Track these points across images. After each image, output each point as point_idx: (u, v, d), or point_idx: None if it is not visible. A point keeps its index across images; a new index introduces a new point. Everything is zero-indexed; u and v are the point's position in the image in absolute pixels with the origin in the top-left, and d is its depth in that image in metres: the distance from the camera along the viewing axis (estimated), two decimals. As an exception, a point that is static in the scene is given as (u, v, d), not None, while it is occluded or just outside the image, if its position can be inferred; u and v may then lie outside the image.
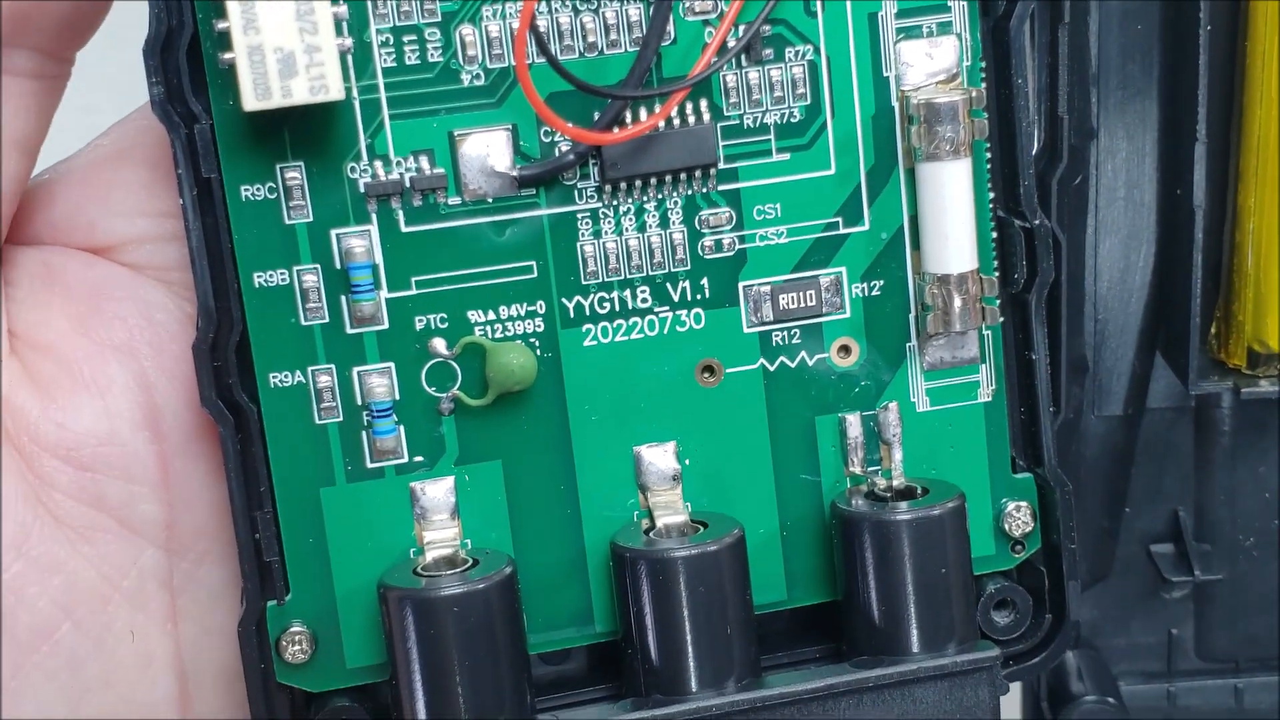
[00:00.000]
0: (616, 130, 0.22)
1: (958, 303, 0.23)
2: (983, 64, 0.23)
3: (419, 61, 0.22)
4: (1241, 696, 0.29)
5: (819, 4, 0.23)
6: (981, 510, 0.24)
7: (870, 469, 0.24)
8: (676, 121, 0.23)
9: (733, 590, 0.23)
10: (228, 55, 0.20)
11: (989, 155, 0.23)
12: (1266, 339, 0.25)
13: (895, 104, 0.23)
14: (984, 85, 0.23)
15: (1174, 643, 0.29)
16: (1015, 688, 0.28)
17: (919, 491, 0.24)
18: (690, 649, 0.22)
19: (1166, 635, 0.29)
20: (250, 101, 0.20)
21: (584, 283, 0.23)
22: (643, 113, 0.22)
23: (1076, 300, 0.26)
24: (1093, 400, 0.27)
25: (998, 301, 0.24)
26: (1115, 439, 0.27)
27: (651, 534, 0.23)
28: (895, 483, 0.24)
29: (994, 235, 0.24)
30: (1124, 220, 0.26)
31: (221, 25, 0.20)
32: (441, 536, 0.23)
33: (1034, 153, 0.24)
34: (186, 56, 0.21)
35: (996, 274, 0.24)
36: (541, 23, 0.22)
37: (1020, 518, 0.24)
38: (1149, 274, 0.26)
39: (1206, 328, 0.26)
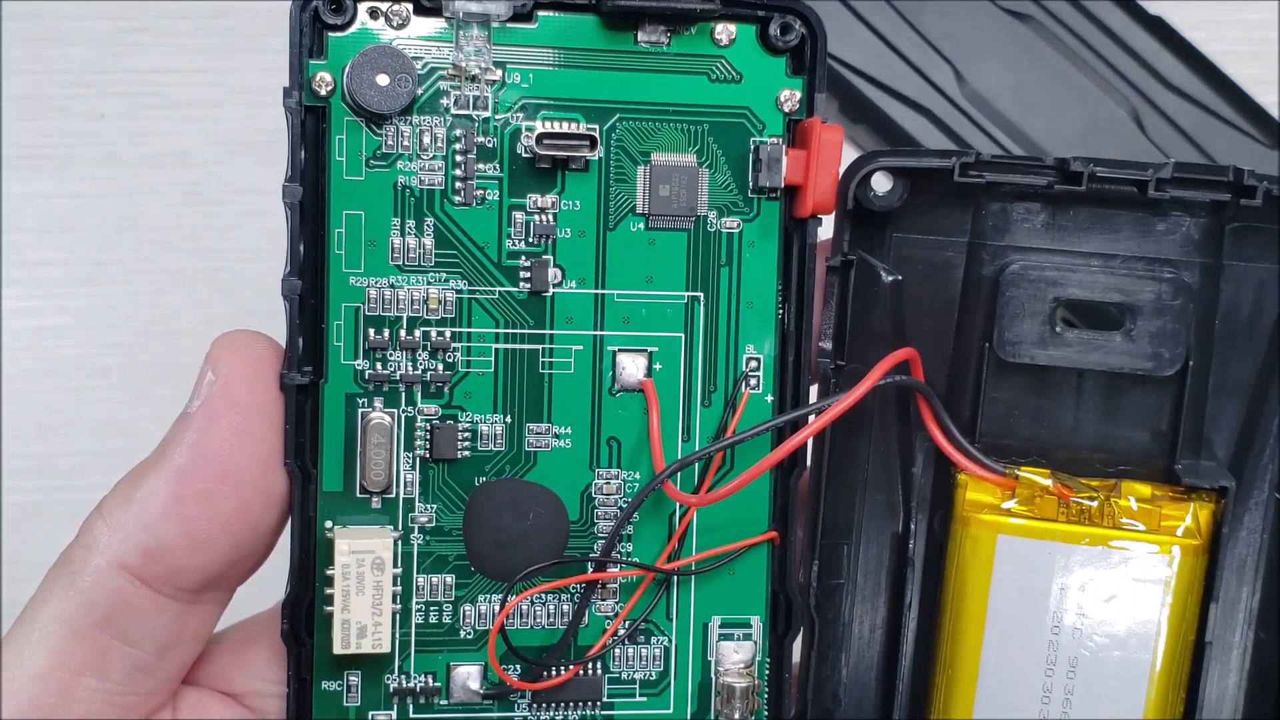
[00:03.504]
0: (542, 679, 0.38)
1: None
2: (768, 661, 0.39)
3: (437, 622, 0.38)
4: None
5: (675, 616, 0.39)
6: None
7: None
8: (581, 673, 0.38)
9: None
10: (329, 609, 0.36)
11: (766, 716, 0.39)
12: None
13: (712, 677, 0.39)
14: (767, 675, 0.39)
15: None
16: None
17: None
18: None
19: None
20: (338, 648, 0.36)
21: (513, 758, 0.39)
22: (564, 669, 0.38)
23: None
24: None
25: (760, 803, 0.39)
26: None
27: None
28: None
29: (763, 762, 0.39)
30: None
31: (329, 590, 0.36)
32: None
33: (792, 715, 0.39)
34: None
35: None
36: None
37: None
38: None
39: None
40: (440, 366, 0.37)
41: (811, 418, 0.36)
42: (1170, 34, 0.56)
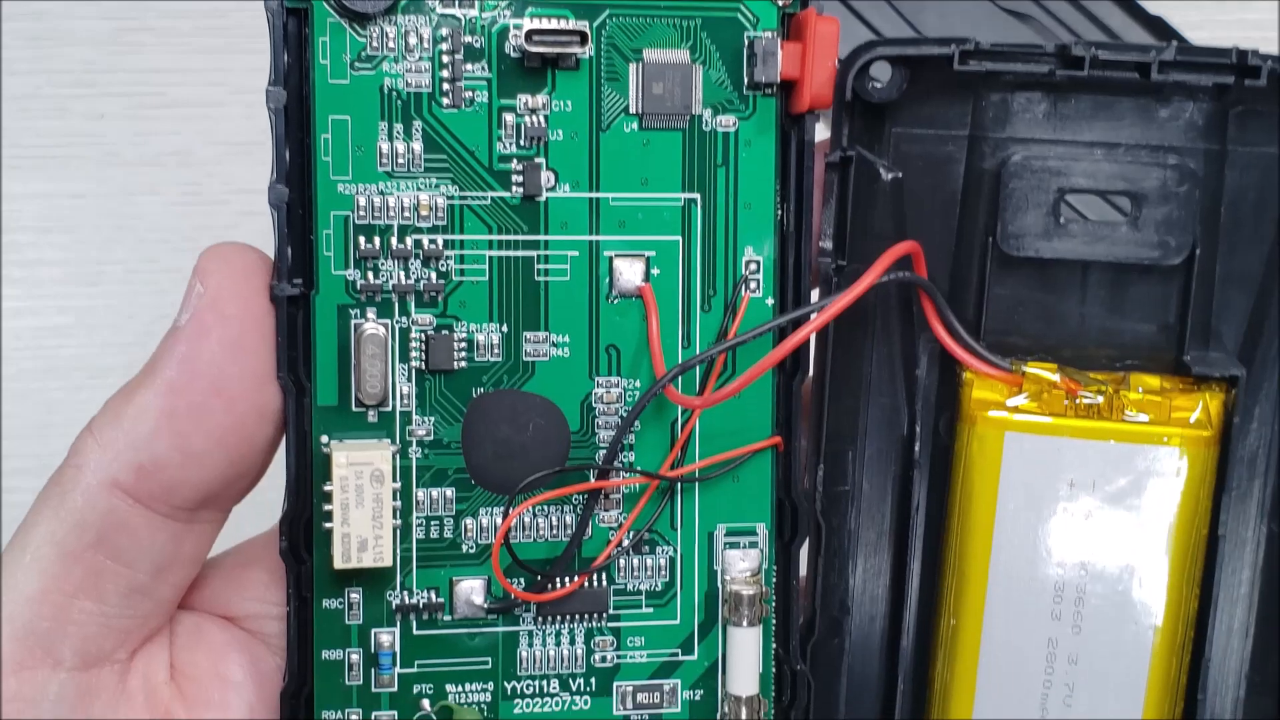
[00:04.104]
0: (547, 591, 0.37)
1: (744, 713, 0.38)
2: (775, 568, 0.39)
3: (438, 537, 0.37)
4: None
5: (679, 525, 0.38)
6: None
7: (683, 808, 0.38)
8: (586, 584, 0.38)
9: None
10: (327, 525, 0.36)
11: (775, 623, 0.39)
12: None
13: (719, 586, 0.39)
14: (775, 582, 0.39)
15: None
16: None
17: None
18: None
19: None
20: (338, 563, 0.35)
21: (519, 673, 0.37)
22: (568, 580, 0.37)
23: (831, 715, 0.40)
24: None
25: (773, 713, 0.38)
26: None
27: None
28: (694, 822, 0.38)
29: (774, 672, 0.39)
30: (863, 671, 0.40)
31: (327, 507, 0.36)
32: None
33: (801, 622, 0.39)
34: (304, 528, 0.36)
35: (774, 696, 0.39)
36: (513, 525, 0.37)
37: None
38: (879, 705, 0.40)
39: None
40: (433, 275, 0.36)
41: (813, 316, 0.36)
42: (1170, 34, 0.55)
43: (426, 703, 0.37)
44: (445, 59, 0.35)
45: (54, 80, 0.55)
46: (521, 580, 0.37)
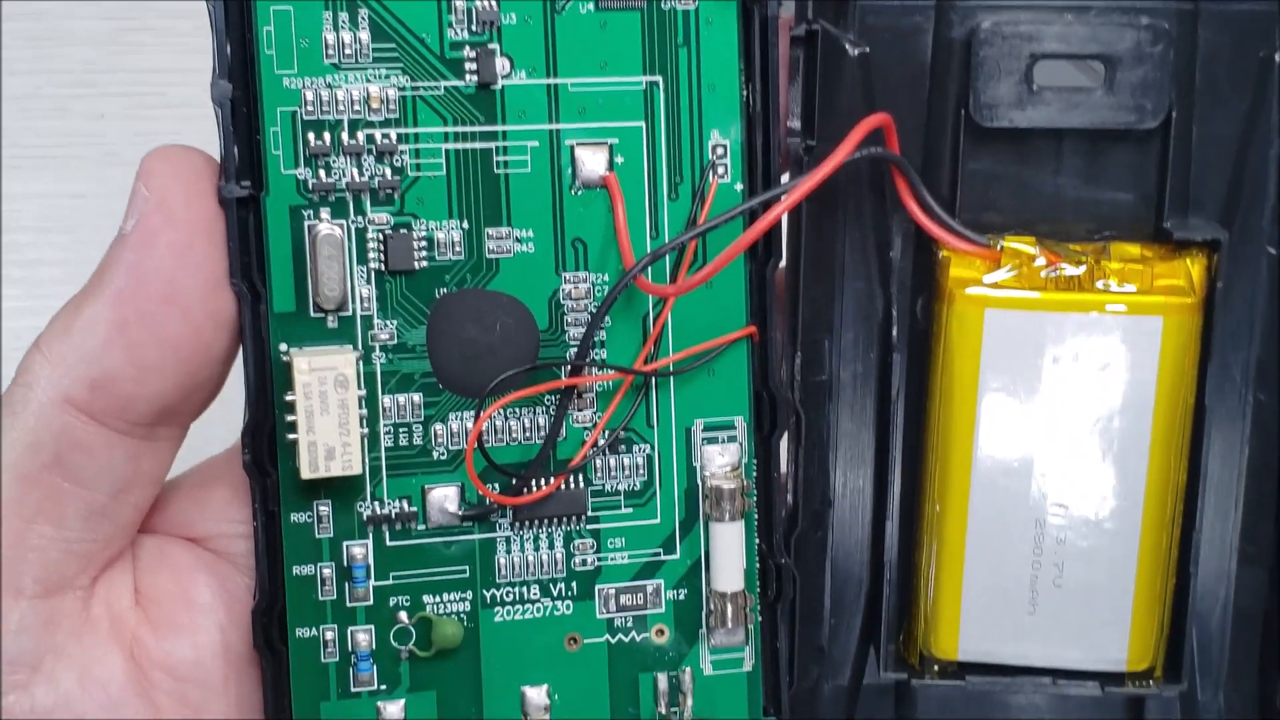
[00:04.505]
0: (523, 495, 0.36)
1: (730, 609, 0.37)
2: (755, 462, 0.38)
3: (407, 445, 0.36)
4: None
5: (655, 422, 0.37)
6: (741, 741, 0.38)
7: (672, 709, 0.37)
8: (563, 487, 0.37)
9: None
10: (291, 437, 0.34)
11: (757, 518, 0.38)
12: (931, 649, 0.39)
13: (699, 483, 0.37)
14: (755, 476, 0.38)
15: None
16: None
17: (702, 727, 0.37)
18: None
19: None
20: (305, 473, 0.34)
21: (497, 580, 0.36)
22: (544, 483, 0.36)
23: (816, 606, 0.40)
24: (827, 673, 0.40)
25: (758, 608, 0.38)
26: (842, 702, 0.40)
27: (528, 745, 0.36)
28: (686, 720, 0.37)
29: (758, 567, 0.38)
30: (849, 562, 0.40)
31: (290, 418, 0.34)
32: (395, 738, 0.36)
33: (783, 516, 0.38)
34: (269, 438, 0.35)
35: (758, 591, 0.38)
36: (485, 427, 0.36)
37: (766, 746, 0.38)
38: (864, 596, 0.40)
39: (898, 634, 0.40)
40: (388, 171, 0.34)
41: (784, 197, 0.34)
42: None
43: (404, 615, 0.36)
44: (389, -59, 0.33)
45: (54, 80, 0.55)
46: (496, 485, 0.36)
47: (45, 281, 0.56)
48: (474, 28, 0.34)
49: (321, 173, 0.34)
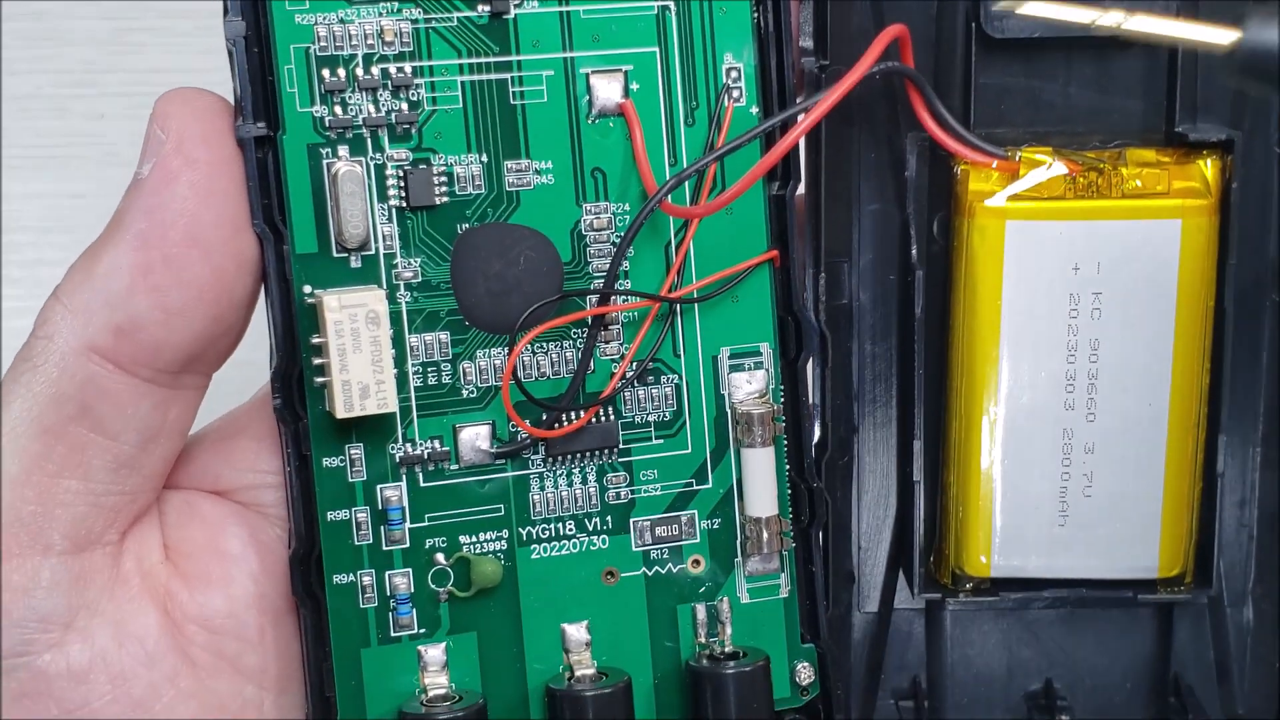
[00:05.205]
0: (555, 428, 0.36)
1: (765, 535, 0.37)
2: (782, 388, 0.38)
3: (436, 384, 0.35)
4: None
5: (682, 352, 0.37)
6: (781, 667, 0.37)
7: (711, 639, 0.37)
8: (594, 420, 0.36)
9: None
10: (320, 380, 0.34)
11: (786, 443, 0.38)
12: (963, 566, 0.39)
13: (728, 411, 0.37)
14: (782, 402, 0.37)
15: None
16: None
17: (741, 655, 0.36)
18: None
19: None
20: (340, 413, 0.33)
21: (533, 518, 0.36)
22: (575, 416, 0.36)
23: (845, 534, 0.40)
24: (857, 600, 0.40)
25: (791, 534, 0.37)
26: (873, 627, 0.40)
27: (571, 681, 0.36)
28: (726, 649, 0.36)
29: (790, 493, 0.38)
30: (876, 486, 0.40)
31: (319, 361, 0.34)
32: (436, 681, 0.35)
33: (814, 442, 0.38)
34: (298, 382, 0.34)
35: (791, 516, 0.38)
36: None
37: (805, 673, 0.37)
38: (892, 521, 0.40)
39: (928, 556, 0.40)
40: (405, 106, 0.34)
41: (801, 117, 0.34)
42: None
43: (441, 556, 0.35)
44: None
45: (54, 80, 0.54)
46: (528, 420, 0.35)
47: (45, 281, 0.55)
48: (486, -44, 0.34)
49: (338, 109, 0.33)
